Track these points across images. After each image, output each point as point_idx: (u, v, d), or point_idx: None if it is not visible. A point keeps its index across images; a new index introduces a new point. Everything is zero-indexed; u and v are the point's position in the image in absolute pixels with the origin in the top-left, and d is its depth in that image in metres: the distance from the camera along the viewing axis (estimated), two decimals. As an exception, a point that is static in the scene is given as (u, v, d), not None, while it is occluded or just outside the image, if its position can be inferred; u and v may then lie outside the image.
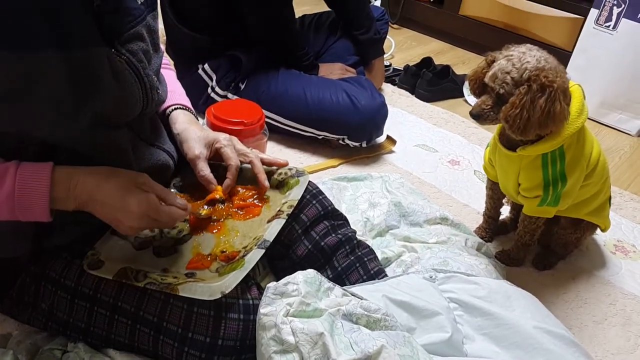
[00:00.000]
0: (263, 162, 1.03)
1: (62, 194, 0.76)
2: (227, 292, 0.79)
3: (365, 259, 1.06)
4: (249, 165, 1.02)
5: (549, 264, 1.37)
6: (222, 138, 1.01)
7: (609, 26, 2.06)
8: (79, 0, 0.72)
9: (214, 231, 0.96)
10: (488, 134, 1.95)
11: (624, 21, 2.01)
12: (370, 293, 0.93)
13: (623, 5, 2.00)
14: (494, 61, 1.11)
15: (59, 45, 0.69)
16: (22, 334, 0.95)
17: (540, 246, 1.41)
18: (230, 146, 1.00)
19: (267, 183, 1.00)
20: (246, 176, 1.03)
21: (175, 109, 1.04)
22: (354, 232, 1.08)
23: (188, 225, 0.96)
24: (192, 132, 1.00)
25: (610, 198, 1.32)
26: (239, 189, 1.03)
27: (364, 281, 1.03)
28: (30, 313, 0.90)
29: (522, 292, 1.06)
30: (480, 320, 0.98)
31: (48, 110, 0.72)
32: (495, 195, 1.37)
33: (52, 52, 0.69)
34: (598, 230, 1.36)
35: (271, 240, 0.90)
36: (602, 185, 1.26)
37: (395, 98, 2.15)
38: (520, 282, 1.23)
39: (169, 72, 1.11)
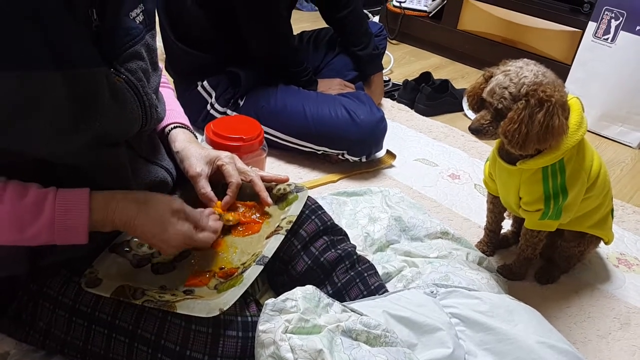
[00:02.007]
0: (263, 180, 1.03)
1: (100, 218, 0.79)
2: (225, 309, 0.79)
3: (366, 274, 1.05)
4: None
5: (551, 278, 1.36)
6: (224, 156, 1.01)
7: (607, 39, 2.07)
8: (77, 20, 0.73)
9: (213, 247, 0.95)
10: (488, 147, 1.95)
11: (622, 34, 2.02)
12: (370, 309, 0.92)
13: (621, 18, 2.01)
14: (491, 76, 1.11)
15: (58, 65, 0.70)
16: (20, 352, 0.95)
17: (543, 259, 1.40)
18: (232, 164, 1.01)
19: (269, 200, 1.01)
20: (245, 192, 1.03)
21: (174, 127, 1.05)
22: (354, 247, 1.08)
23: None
24: (193, 150, 1.00)
25: (612, 210, 1.32)
26: (238, 205, 1.02)
27: (364, 297, 1.02)
28: (27, 331, 0.89)
29: (524, 307, 1.05)
30: (483, 335, 0.97)
31: (47, 128, 0.73)
32: (496, 209, 1.36)
33: (51, 72, 0.69)
34: (601, 243, 1.35)
35: (270, 256, 0.90)
36: (603, 198, 1.25)
37: (395, 113, 2.16)
38: (523, 296, 1.22)
39: (167, 91, 1.11)
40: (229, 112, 1.72)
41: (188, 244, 0.86)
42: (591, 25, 2.11)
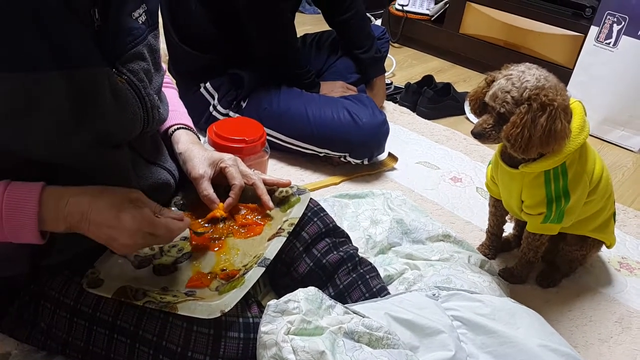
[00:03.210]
0: (265, 183, 1.03)
1: (52, 214, 0.74)
2: (226, 310, 0.79)
3: (367, 276, 1.05)
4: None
5: (553, 282, 1.36)
6: (227, 158, 1.01)
7: (609, 43, 2.07)
8: (78, 20, 0.73)
9: (215, 249, 0.95)
10: (490, 151, 1.95)
11: (624, 38, 2.02)
12: (372, 311, 0.92)
13: (623, 23, 2.01)
14: (493, 81, 1.11)
15: (60, 65, 0.70)
16: (22, 352, 0.95)
17: (544, 263, 1.40)
18: (235, 166, 1.00)
19: (271, 204, 1.01)
20: (247, 195, 1.03)
21: (177, 128, 1.05)
22: (356, 249, 1.08)
23: (188, 243, 0.96)
24: (196, 151, 1.00)
25: (614, 214, 1.31)
26: (240, 207, 1.02)
27: (366, 299, 1.02)
28: (29, 332, 0.89)
29: (526, 310, 1.05)
30: (484, 338, 0.97)
31: (48, 130, 0.73)
32: (498, 212, 1.36)
33: (53, 73, 0.69)
34: (602, 247, 1.35)
35: (271, 258, 0.89)
36: (606, 202, 1.25)
37: (397, 116, 2.16)
38: (524, 299, 1.22)
39: (171, 91, 1.11)
40: (231, 113, 1.72)
41: (147, 230, 0.77)
42: (593, 30, 2.11)
